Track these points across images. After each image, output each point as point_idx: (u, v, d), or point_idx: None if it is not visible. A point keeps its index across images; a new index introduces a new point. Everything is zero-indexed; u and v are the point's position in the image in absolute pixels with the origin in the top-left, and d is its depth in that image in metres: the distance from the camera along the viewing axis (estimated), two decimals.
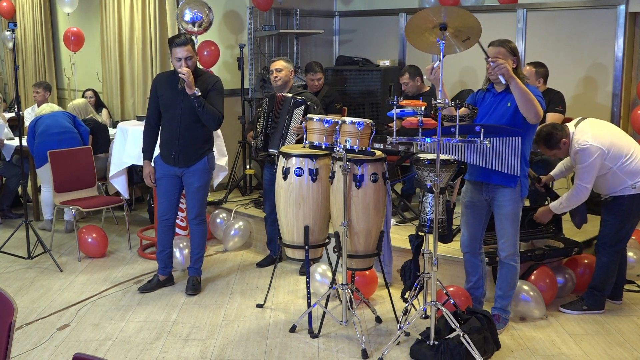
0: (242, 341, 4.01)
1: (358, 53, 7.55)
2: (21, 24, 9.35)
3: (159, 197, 4.78)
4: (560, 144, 4.19)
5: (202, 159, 4.63)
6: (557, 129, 4.20)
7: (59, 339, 4.04)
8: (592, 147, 4.07)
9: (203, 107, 4.42)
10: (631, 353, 3.84)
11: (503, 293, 4.06)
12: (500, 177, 3.82)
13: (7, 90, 10.26)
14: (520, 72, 3.79)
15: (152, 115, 4.64)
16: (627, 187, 4.17)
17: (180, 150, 4.56)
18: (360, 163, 3.95)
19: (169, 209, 4.74)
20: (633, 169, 4.15)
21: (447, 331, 3.70)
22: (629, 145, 4.20)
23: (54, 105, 6.40)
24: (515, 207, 3.87)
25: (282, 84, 5.12)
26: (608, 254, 4.29)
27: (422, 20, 3.51)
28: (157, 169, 4.69)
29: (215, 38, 6.70)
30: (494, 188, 3.89)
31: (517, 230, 3.93)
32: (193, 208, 4.71)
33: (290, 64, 5.15)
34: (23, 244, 5.57)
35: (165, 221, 4.77)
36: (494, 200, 3.92)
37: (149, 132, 4.68)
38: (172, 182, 4.67)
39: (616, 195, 4.22)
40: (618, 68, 5.87)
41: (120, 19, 7.41)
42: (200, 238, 4.80)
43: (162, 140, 4.64)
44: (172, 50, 4.43)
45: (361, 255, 4.08)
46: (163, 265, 4.87)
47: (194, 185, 4.65)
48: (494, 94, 3.89)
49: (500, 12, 6.57)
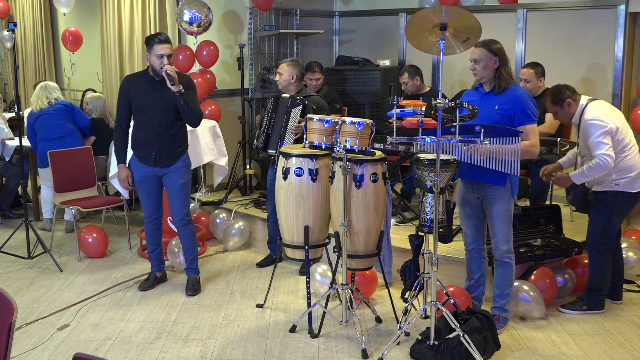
0: (242, 341, 4.01)
1: (358, 53, 7.55)
2: (21, 24, 9.35)
3: (143, 200, 4.75)
4: (565, 103, 4.20)
5: (181, 157, 4.63)
6: (568, 89, 4.22)
7: (59, 339, 4.04)
8: (603, 123, 4.06)
9: (187, 104, 4.42)
10: (631, 353, 3.85)
11: (501, 292, 4.07)
12: (489, 175, 3.85)
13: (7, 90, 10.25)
14: (505, 71, 3.83)
15: (124, 118, 4.62)
16: (610, 182, 4.17)
17: (161, 149, 4.54)
18: (360, 163, 3.95)
19: (155, 209, 4.75)
20: (624, 164, 4.14)
21: (447, 331, 3.70)
22: (631, 139, 4.20)
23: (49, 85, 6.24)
24: (506, 205, 3.90)
25: (284, 86, 5.17)
26: (598, 253, 4.29)
27: (422, 20, 3.51)
28: (135, 172, 4.65)
29: (215, 38, 6.70)
30: (484, 186, 3.94)
31: (510, 228, 3.95)
32: (180, 209, 4.69)
33: (292, 67, 5.15)
34: (23, 244, 5.57)
35: (153, 221, 4.78)
36: (485, 199, 3.97)
37: (121, 135, 4.64)
38: (153, 182, 4.67)
39: (599, 190, 4.23)
40: (618, 68, 5.86)
41: (120, 19, 7.41)
42: (191, 238, 4.79)
43: (138, 141, 4.60)
44: (154, 47, 4.41)
45: (361, 255, 4.08)
46: (157, 263, 4.91)
47: (178, 182, 4.63)
48: (481, 94, 3.96)
49: (500, 12, 6.57)
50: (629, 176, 4.16)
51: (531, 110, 3.81)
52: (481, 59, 3.85)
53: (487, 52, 3.82)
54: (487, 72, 3.86)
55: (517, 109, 3.79)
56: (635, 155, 4.18)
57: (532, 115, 3.81)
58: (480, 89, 3.98)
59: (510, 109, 3.80)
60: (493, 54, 3.82)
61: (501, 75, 3.83)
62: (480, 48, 3.84)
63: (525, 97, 3.82)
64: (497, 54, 3.82)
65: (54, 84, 6.31)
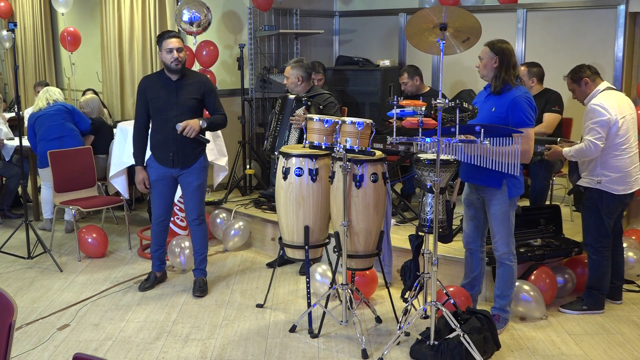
0: (242, 341, 4.01)
1: (358, 53, 7.55)
2: (21, 24, 9.35)
3: (154, 200, 4.75)
4: (582, 82, 4.24)
5: (199, 158, 4.63)
6: (590, 69, 4.26)
7: (59, 339, 4.04)
8: (605, 112, 4.05)
9: (212, 127, 4.52)
10: (631, 353, 3.85)
11: (501, 293, 4.07)
12: (484, 178, 3.85)
13: (7, 90, 10.26)
14: (506, 73, 3.80)
15: (143, 120, 4.60)
16: (594, 176, 4.18)
17: (178, 151, 4.53)
18: (360, 163, 3.94)
19: (166, 211, 4.75)
20: (612, 162, 4.13)
21: (447, 331, 3.70)
22: (631, 142, 4.15)
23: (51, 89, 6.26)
24: (503, 207, 3.89)
25: (292, 88, 5.25)
26: (596, 252, 4.30)
27: (422, 20, 3.51)
28: (152, 172, 4.65)
29: (214, 38, 6.70)
30: (481, 188, 3.95)
31: (509, 230, 3.95)
32: (194, 208, 4.70)
33: (297, 69, 5.20)
34: (23, 244, 5.57)
35: (161, 223, 4.78)
36: (484, 200, 3.98)
37: (140, 137, 4.63)
38: (168, 184, 4.66)
39: (585, 187, 4.25)
40: (618, 68, 5.86)
41: (120, 19, 7.41)
42: (203, 238, 4.79)
43: (156, 142, 4.60)
44: (163, 43, 4.43)
45: (361, 255, 4.08)
46: (158, 263, 4.91)
47: (193, 184, 4.63)
48: (487, 94, 3.98)
49: (500, 12, 6.57)
50: (611, 175, 4.14)
51: (526, 114, 3.74)
52: (483, 56, 3.87)
53: (489, 50, 3.83)
54: (487, 71, 3.86)
55: (511, 112, 3.76)
56: (627, 158, 4.14)
57: (526, 119, 3.74)
58: (487, 89, 3.97)
59: (505, 112, 3.78)
60: (494, 53, 3.81)
61: (499, 76, 3.81)
62: (485, 46, 3.86)
63: (520, 100, 3.75)
64: (498, 54, 3.80)
65: (57, 89, 6.37)
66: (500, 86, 3.82)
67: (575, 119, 5.76)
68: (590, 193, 4.23)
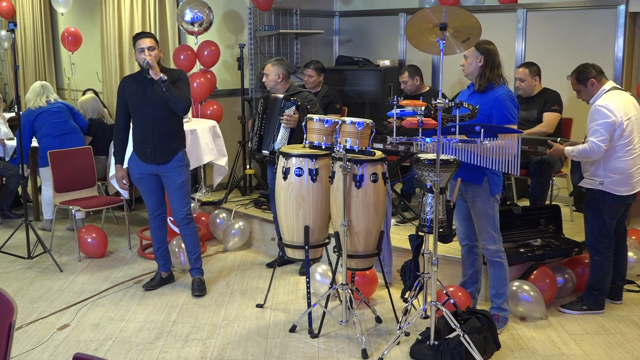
0: (242, 341, 4.02)
1: (358, 53, 7.55)
2: (21, 24, 9.34)
3: (145, 196, 4.79)
4: (588, 82, 4.21)
5: (177, 154, 4.64)
6: (595, 69, 4.22)
7: (59, 339, 4.04)
8: (610, 113, 4.03)
9: (170, 90, 4.46)
10: (631, 353, 3.85)
11: (496, 291, 4.08)
12: (466, 174, 3.89)
13: (7, 90, 10.25)
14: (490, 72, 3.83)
15: (122, 119, 4.68)
16: (596, 177, 4.17)
17: (156, 146, 4.57)
18: (360, 163, 3.94)
19: (159, 204, 4.78)
20: (615, 164, 4.12)
21: (447, 331, 3.70)
22: (635, 145, 4.13)
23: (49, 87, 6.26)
24: (485, 204, 3.92)
25: (271, 87, 5.17)
26: (598, 252, 4.29)
27: (422, 20, 3.51)
28: (135, 169, 4.70)
29: (216, 38, 6.70)
30: (464, 184, 3.96)
31: (495, 228, 3.97)
32: (179, 209, 4.70)
33: (277, 66, 5.12)
34: (23, 244, 5.57)
35: (157, 217, 4.79)
36: (467, 198, 4.00)
37: (120, 136, 4.72)
38: (153, 180, 4.70)
39: (587, 188, 4.24)
40: (618, 68, 5.86)
41: (120, 19, 7.40)
42: (193, 237, 4.80)
43: (136, 140, 4.66)
44: (136, 44, 4.50)
45: (361, 255, 4.08)
46: (163, 262, 4.90)
47: (175, 182, 4.64)
48: (470, 92, 4.00)
49: (500, 12, 6.57)
50: (614, 177, 4.13)
51: (509, 111, 3.79)
52: (469, 55, 3.91)
53: (475, 49, 3.87)
54: (472, 70, 3.91)
55: (494, 110, 3.80)
56: (630, 160, 4.13)
57: (509, 116, 3.79)
58: (470, 88, 4.01)
59: (489, 109, 3.82)
60: (479, 52, 3.86)
61: (483, 75, 3.85)
62: (473, 47, 3.87)
63: (503, 99, 3.80)
64: (483, 53, 3.85)
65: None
66: (485, 85, 3.87)
67: (575, 118, 5.76)
68: (593, 194, 4.23)
